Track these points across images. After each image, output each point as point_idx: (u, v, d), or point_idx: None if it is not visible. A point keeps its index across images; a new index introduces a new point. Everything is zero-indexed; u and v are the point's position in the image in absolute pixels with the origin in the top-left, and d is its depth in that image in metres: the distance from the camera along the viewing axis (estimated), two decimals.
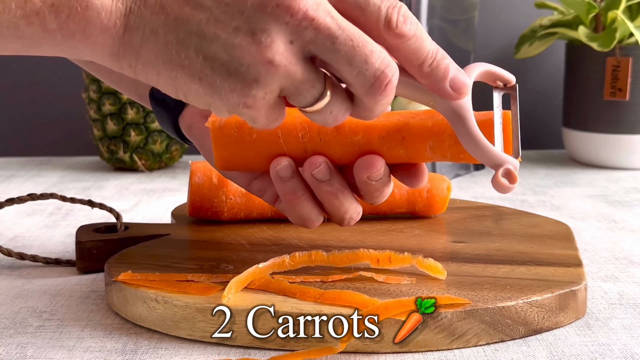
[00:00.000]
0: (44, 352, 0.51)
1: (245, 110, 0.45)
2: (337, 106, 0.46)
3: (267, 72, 0.43)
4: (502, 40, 1.33)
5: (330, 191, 0.55)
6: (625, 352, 0.50)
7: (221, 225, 0.69)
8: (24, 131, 1.33)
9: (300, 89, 0.45)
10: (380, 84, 0.44)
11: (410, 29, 0.46)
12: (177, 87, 0.45)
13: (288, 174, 0.55)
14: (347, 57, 0.44)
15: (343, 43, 0.43)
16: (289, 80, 0.44)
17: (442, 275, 0.55)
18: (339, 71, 0.44)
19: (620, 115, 1.10)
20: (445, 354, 0.50)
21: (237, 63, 0.43)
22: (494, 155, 0.49)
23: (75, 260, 0.66)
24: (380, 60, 0.44)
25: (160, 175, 1.10)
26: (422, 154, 0.55)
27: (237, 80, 0.43)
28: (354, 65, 0.44)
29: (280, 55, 0.43)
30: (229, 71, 0.43)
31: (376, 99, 0.45)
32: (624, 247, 0.73)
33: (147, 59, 0.44)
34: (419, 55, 0.46)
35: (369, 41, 0.44)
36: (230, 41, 0.43)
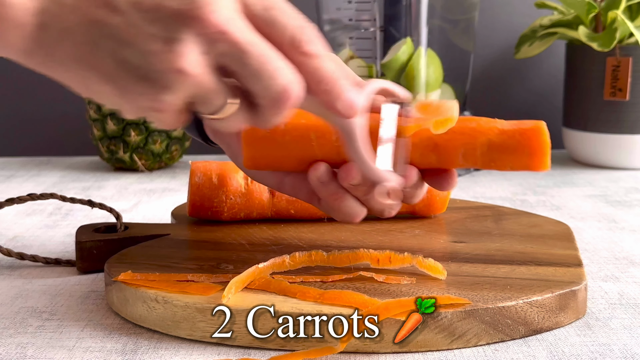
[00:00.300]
0: (44, 352, 0.51)
1: (154, 113, 0.46)
2: (240, 115, 0.48)
3: (177, 80, 0.44)
4: (502, 40, 1.33)
5: (367, 191, 0.56)
6: (625, 352, 0.50)
7: (221, 225, 0.69)
8: (24, 131, 1.33)
9: (208, 97, 0.46)
10: (284, 100, 0.46)
11: (313, 48, 0.47)
12: (88, 87, 0.46)
13: (328, 179, 0.56)
14: (255, 72, 0.45)
15: (253, 58, 0.45)
16: (198, 89, 0.45)
17: (442, 275, 0.55)
18: (247, 83, 0.46)
19: (620, 115, 1.10)
20: (445, 354, 0.50)
21: (150, 69, 0.44)
22: (374, 173, 0.51)
23: (75, 260, 0.66)
24: (286, 78, 0.46)
25: (160, 175, 1.10)
26: (454, 160, 0.55)
27: (147, 85, 0.44)
28: (262, 80, 0.45)
29: (193, 65, 0.44)
30: (141, 76, 0.44)
31: (277, 112, 0.47)
32: (624, 247, 0.73)
33: (59, 58, 0.45)
34: (319, 74, 0.48)
35: (277, 58, 0.46)
36: (144, 47, 0.43)
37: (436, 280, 0.55)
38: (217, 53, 0.44)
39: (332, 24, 1.05)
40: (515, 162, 0.55)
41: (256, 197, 0.69)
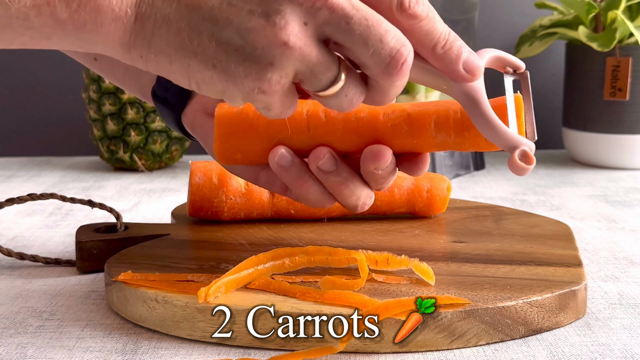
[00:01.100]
0: (44, 352, 0.51)
1: (260, 96, 0.44)
2: (352, 89, 0.46)
3: (282, 55, 0.43)
4: (502, 40, 1.33)
5: (339, 181, 0.54)
6: (625, 352, 0.50)
7: (221, 225, 0.69)
8: (24, 131, 1.33)
9: (315, 71, 0.44)
10: (397, 63, 0.44)
11: (422, 9, 0.45)
12: (190, 76, 0.44)
13: (288, 161, 0.54)
14: (362, 37, 0.43)
15: (358, 23, 0.43)
16: (304, 63, 0.43)
17: (431, 280, 0.55)
18: (354, 52, 0.44)
19: (620, 115, 1.10)
20: (445, 354, 0.50)
21: (251, 47, 0.43)
22: (509, 138, 0.48)
23: (75, 260, 0.66)
24: (395, 40, 0.44)
25: (160, 175, 1.10)
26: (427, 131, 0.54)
27: (251, 65, 0.43)
28: (369, 45, 0.43)
29: (295, 36, 0.42)
30: (243, 55, 0.43)
31: (392, 80, 0.44)
32: (624, 247, 0.73)
33: (159, 48, 0.44)
34: (432, 36, 0.46)
35: (383, 21, 0.44)
36: (243, 25, 0.42)
37: (436, 280, 0.55)
38: (319, 22, 0.43)
39: None
40: None
41: (256, 197, 0.69)
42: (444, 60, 0.47)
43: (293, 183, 0.55)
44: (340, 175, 0.54)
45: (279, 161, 0.54)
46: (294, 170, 0.54)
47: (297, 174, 0.54)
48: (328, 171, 0.54)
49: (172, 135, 1.11)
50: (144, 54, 0.45)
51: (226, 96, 0.45)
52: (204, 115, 0.60)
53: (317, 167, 0.54)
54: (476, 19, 1.10)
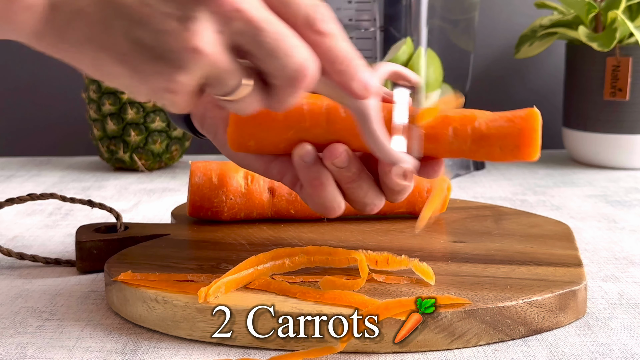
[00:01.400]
0: (44, 352, 0.51)
1: (167, 95, 0.45)
2: (254, 97, 0.47)
3: (193, 59, 0.43)
4: (502, 40, 1.33)
5: (352, 179, 0.55)
6: (625, 352, 0.50)
7: (221, 225, 0.69)
8: (24, 131, 1.33)
9: (222, 77, 0.45)
10: (300, 78, 0.45)
11: (328, 27, 0.47)
12: (100, 68, 0.45)
13: (311, 159, 0.55)
14: (271, 50, 0.44)
15: (268, 36, 0.44)
16: (213, 69, 0.44)
17: (431, 280, 0.55)
18: (262, 62, 0.45)
19: (620, 115, 1.10)
20: (445, 354, 0.50)
21: (163, 48, 0.43)
22: (390, 154, 0.51)
23: (75, 260, 0.66)
24: (301, 56, 0.45)
25: (160, 175, 1.10)
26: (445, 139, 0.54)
27: (162, 66, 0.44)
28: (277, 58, 0.45)
29: (208, 44, 0.43)
30: (155, 56, 0.43)
31: (293, 92, 0.46)
32: (624, 247, 0.73)
33: (71, 39, 0.44)
34: (334, 53, 0.47)
35: (292, 36, 0.45)
36: (158, 26, 0.43)
37: (436, 280, 0.55)
38: (232, 32, 0.44)
39: None
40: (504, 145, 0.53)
41: (256, 197, 0.69)
42: (342, 77, 0.48)
43: (310, 182, 0.55)
44: (353, 172, 0.55)
45: (303, 157, 0.55)
46: (314, 169, 0.55)
47: (316, 173, 0.55)
48: (341, 167, 0.54)
49: (172, 135, 1.11)
50: (55, 42, 0.45)
51: (131, 91, 0.46)
52: (214, 108, 0.60)
53: (332, 163, 0.54)
54: (476, 19, 1.10)
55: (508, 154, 0.53)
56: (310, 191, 0.55)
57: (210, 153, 1.21)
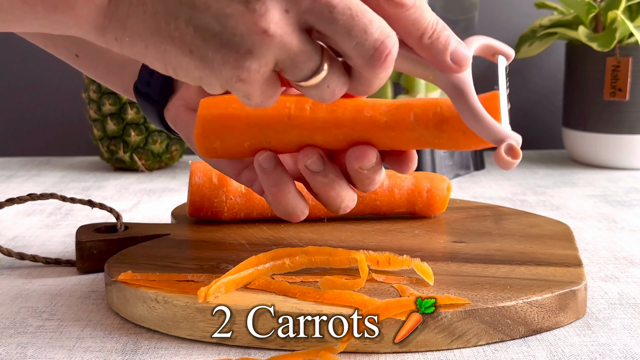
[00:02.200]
0: (44, 352, 0.51)
1: (239, 84, 0.43)
2: (335, 80, 0.44)
3: (261, 43, 0.41)
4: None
5: (325, 182, 0.53)
6: (625, 352, 0.50)
7: (221, 225, 0.69)
8: (24, 131, 1.33)
9: (297, 61, 0.43)
10: (380, 55, 0.43)
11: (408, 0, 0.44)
12: (166, 61, 0.43)
13: (271, 165, 0.53)
14: (345, 27, 0.42)
15: (341, 12, 0.42)
16: (285, 52, 0.42)
17: (430, 281, 0.55)
18: (337, 42, 0.43)
19: (620, 115, 1.10)
20: (445, 354, 0.50)
21: (230, 33, 0.41)
22: (496, 130, 0.47)
23: (75, 260, 0.66)
24: (379, 30, 0.42)
25: (160, 175, 1.10)
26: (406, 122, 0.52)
27: (230, 52, 0.42)
28: (353, 35, 0.42)
29: (276, 24, 0.41)
30: (222, 42, 0.41)
31: (375, 71, 0.43)
32: (624, 247, 0.73)
33: (134, 31, 0.43)
34: (419, 26, 0.45)
35: (367, 10, 0.42)
36: (222, 10, 0.41)
37: (436, 280, 0.55)
38: (301, 10, 0.41)
39: None
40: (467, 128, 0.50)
41: (256, 197, 0.69)
42: (431, 50, 0.45)
43: (269, 189, 0.54)
44: (327, 176, 0.53)
45: (262, 163, 0.53)
46: (274, 175, 0.53)
47: (276, 179, 0.53)
48: (315, 171, 0.53)
49: (172, 136, 1.11)
50: (119, 36, 0.43)
51: (204, 83, 0.44)
52: (186, 110, 0.59)
53: (305, 166, 0.53)
54: (476, 19, 1.10)
55: (473, 138, 0.51)
56: (272, 198, 0.54)
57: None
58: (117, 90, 0.66)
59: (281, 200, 0.54)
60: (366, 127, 0.53)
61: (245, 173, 0.57)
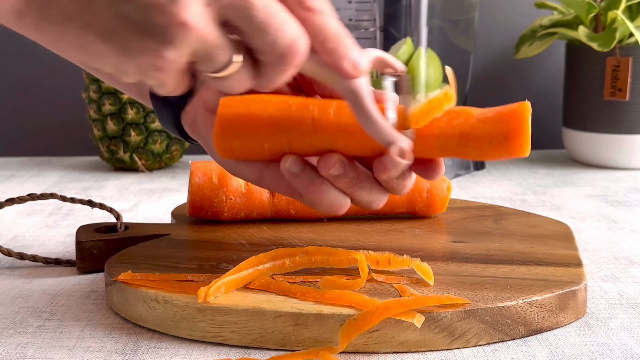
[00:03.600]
0: (44, 352, 0.51)
1: (155, 73, 0.44)
2: (244, 73, 0.46)
3: (181, 34, 0.42)
4: (502, 40, 1.33)
5: (353, 183, 0.53)
6: (625, 352, 0.50)
7: (221, 225, 0.69)
8: (24, 131, 1.33)
9: (212, 53, 0.44)
10: (291, 54, 0.44)
11: (318, 4, 0.46)
12: (84, 48, 0.43)
13: (299, 169, 0.53)
14: (261, 25, 0.43)
15: (258, 10, 0.43)
16: (202, 44, 0.43)
17: (430, 281, 0.55)
18: (252, 38, 0.44)
19: (620, 115, 1.10)
20: (445, 354, 0.50)
21: (150, 23, 0.42)
22: (387, 133, 0.50)
23: (75, 260, 0.66)
24: (292, 32, 0.44)
25: (160, 175, 1.10)
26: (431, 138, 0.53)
27: (149, 41, 0.42)
28: (267, 33, 0.44)
29: (196, 17, 0.42)
30: (142, 31, 0.42)
31: (282, 69, 0.45)
32: (624, 247, 0.73)
33: (53, 17, 0.43)
34: (324, 31, 0.47)
35: (283, 12, 0.44)
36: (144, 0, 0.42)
37: (436, 280, 0.55)
38: (221, 5, 0.43)
39: None
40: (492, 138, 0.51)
41: (256, 197, 0.69)
42: (332, 55, 0.47)
43: (306, 189, 0.54)
44: (351, 178, 0.53)
45: (289, 168, 0.54)
46: (306, 176, 0.54)
47: (309, 179, 0.54)
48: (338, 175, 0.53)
49: (172, 136, 1.11)
50: (37, 22, 0.43)
51: (119, 70, 0.44)
52: (205, 112, 0.59)
53: (327, 173, 0.53)
54: (476, 19, 1.10)
55: (498, 149, 0.51)
56: (310, 197, 0.54)
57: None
58: (132, 94, 0.66)
59: (321, 197, 0.54)
60: None
61: (267, 174, 0.56)
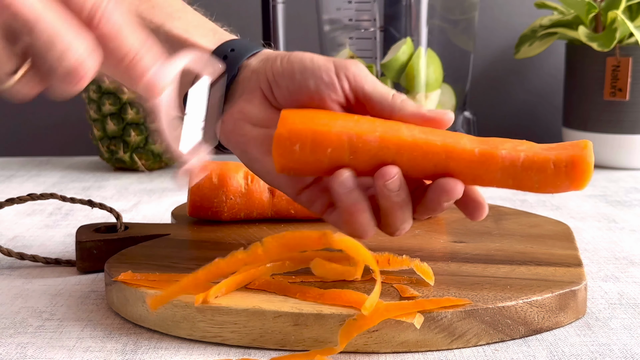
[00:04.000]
0: (44, 352, 0.51)
1: None
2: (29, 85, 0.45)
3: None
4: (502, 40, 1.33)
5: (397, 202, 0.54)
6: (625, 352, 0.50)
7: (221, 225, 0.69)
8: (25, 131, 1.33)
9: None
10: (75, 77, 0.44)
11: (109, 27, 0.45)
12: None
13: (351, 186, 0.54)
14: (45, 46, 0.43)
15: (41, 31, 0.43)
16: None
17: (430, 281, 0.55)
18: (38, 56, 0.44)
19: (620, 115, 1.10)
20: (445, 354, 0.50)
21: None
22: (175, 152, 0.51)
23: (75, 260, 0.66)
24: (78, 54, 0.44)
25: (160, 175, 1.10)
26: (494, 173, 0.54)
27: None
28: (52, 55, 0.43)
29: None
30: None
31: (68, 89, 0.45)
32: (624, 247, 0.73)
33: None
34: (119, 52, 0.46)
35: (70, 33, 0.43)
36: None
37: (436, 280, 0.55)
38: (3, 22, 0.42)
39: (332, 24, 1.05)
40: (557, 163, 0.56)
41: (256, 197, 0.69)
42: (130, 73, 0.47)
43: (348, 208, 0.55)
44: (400, 197, 0.54)
45: (343, 183, 0.54)
46: (353, 195, 0.54)
47: (355, 199, 0.54)
48: (393, 191, 0.54)
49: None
50: None
51: None
52: (246, 124, 0.59)
53: (384, 184, 0.54)
54: (476, 19, 1.10)
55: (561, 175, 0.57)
56: (347, 217, 0.55)
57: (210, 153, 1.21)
58: None
59: (358, 219, 0.55)
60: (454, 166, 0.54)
61: (305, 193, 0.58)
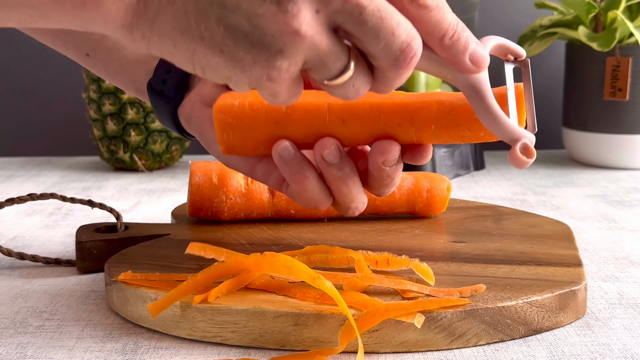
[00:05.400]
0: (44, 352, 0.51)
1: (268, 83, 0.43)
2: (360, 79, 0.45)
3: (292, 43, 0.42)
4: None
5: (339, 176, 0.53)
6: (625, 352, 0.50)
7: (221, 225, 0.69)
8: (24, 131, 1.33)
9: (325, 61, 0.43)
10: (406, 57, 0.43)
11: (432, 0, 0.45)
12: (195, 61, 0.43)
13: (290, 155, 0.53)
14: (374, 29, 0.42)
15: (370, 14, 0.42)
16: (314, 52, 0.43)
17: (431, 280, 0.55)
18: (364, 43, 0.43)
19: (620, 115, 1.10)
20: (445, 353, 0.50)
21: (261, 33, 0.41)
22: (511, 130, 0.48)
23: (75, 260, 0.66)
24: (406, 33, 0.43)
25: (160, 175, 1.10)
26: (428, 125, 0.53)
27: (260, 52, 0.42)
28: (381, 37, 0.43)
29: (307, 25, 0.41)
30: (252, 42, 0.42)
31: (399, 72, 0.44)
32: (624, 247, 0.73)
33: (163, 30, 0.42)
34: (441, 27, 0.46)
35: (395, 12, 0.43)
36: (254, 10, 0.41)
37: (436, 280, 0.55)
38: (332, 11, 0.42)
39: None
40: None
41: (256, 197, 0.69)
42: (451, 51, 0.46)
43: (292, 177, 0.54)
44: (342, 169, 0.53)
45: (281, 153, 0.54)
46: (295, 164, 0.54)
47: (297, 167, 0.54)
48: (331, 162, 0.53)
49: (172, 135, 1.11)
50: (147, 35, 0.43)
51: (233, 82, 0.44)
52: (202, 106, 0.59)
53: (321, 156, 0.53)
54: (476, 19, 1.10)
55: None
56: (295, 187, 0.54)
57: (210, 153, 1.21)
58: (128, 89, 0.66)
59: (306, 187, 0.54)
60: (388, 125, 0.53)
61: (259, 167, 0.57)
